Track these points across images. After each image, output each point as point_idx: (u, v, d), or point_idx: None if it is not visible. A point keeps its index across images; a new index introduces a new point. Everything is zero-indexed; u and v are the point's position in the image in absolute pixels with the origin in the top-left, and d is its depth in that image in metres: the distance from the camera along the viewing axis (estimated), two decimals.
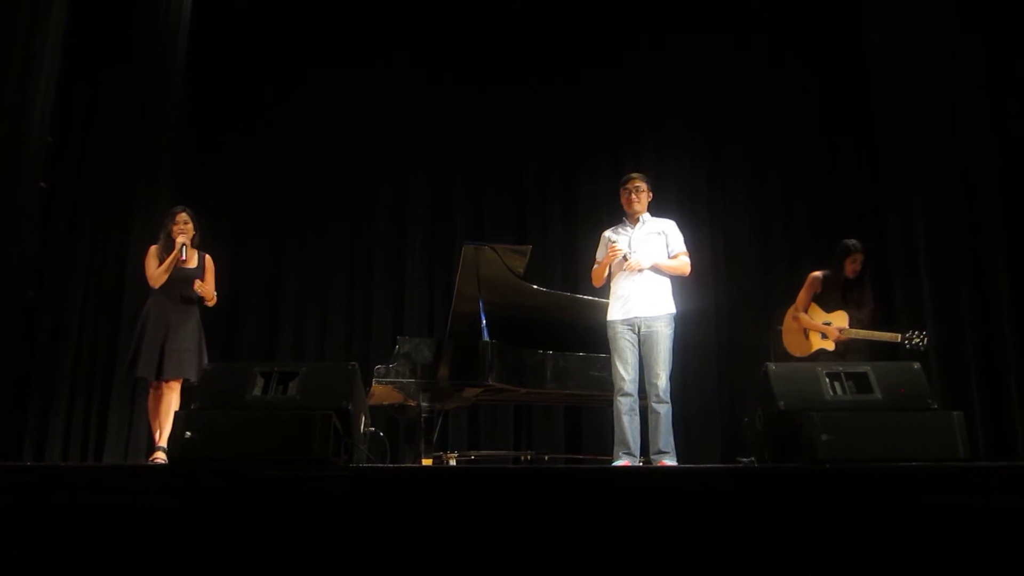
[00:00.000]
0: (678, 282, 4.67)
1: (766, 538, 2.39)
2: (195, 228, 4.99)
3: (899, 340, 4.71)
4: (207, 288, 4.94)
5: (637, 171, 4.85)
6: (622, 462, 4.27)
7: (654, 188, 4.77)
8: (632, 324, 4.43)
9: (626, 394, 4.36)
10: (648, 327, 4.39)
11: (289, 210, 7.32)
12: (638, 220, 4.63)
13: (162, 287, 4.84)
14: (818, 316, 5.03)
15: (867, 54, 6.12)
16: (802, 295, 5.12)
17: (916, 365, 3.05)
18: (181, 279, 4.88)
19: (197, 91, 6.87)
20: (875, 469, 2.56)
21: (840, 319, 4.93)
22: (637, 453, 4.32)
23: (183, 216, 4.96)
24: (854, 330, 4.86)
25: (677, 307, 4.53)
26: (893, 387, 2.94)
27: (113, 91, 6.04)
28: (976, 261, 5.06)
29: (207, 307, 5.03)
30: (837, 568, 2.33)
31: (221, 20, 7.10)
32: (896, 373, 3.03)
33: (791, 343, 5.16)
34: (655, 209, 4.79)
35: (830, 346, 4.94)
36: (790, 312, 5.18)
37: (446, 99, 7.46)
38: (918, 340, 4.68)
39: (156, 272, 4.83)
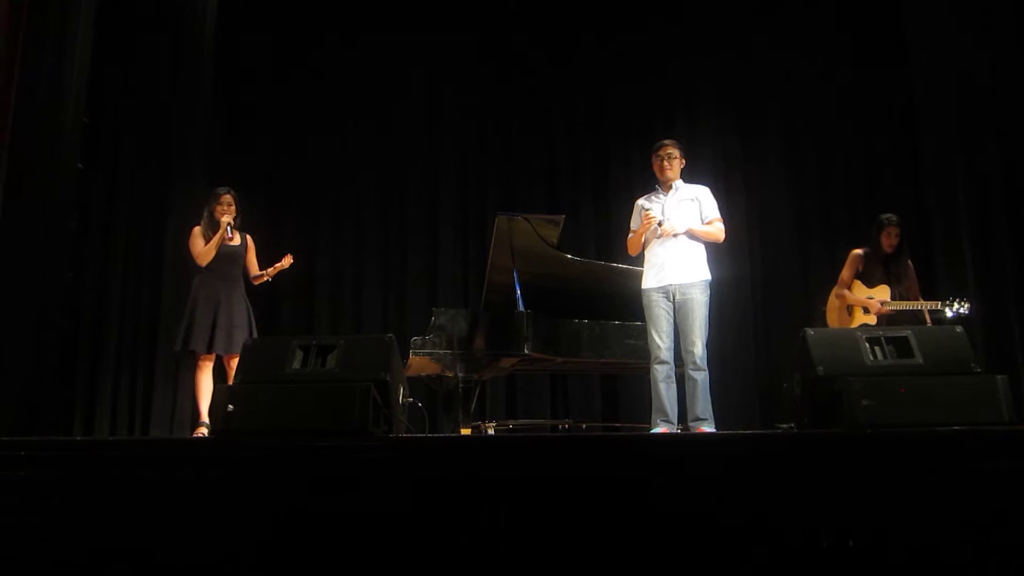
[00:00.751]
0: (713, 249, 4.63)
1: (804, 505, 2.38)
2: (238, 209, 5.11)
3: (940, 308, 4.64)
4: (273, 271, 5.12)
5: (669, 138, 4.81)
6: (660, 429, 4.27)
7: (687, 155, 4.72)
8: (667, 291, 4.41)
9: (662, 362, 4.35)
10: (683, 294, 4.37)
11: (320, 186, 7.34)
12: (671, 187, 4.59)
13: (209, 265, 4.98)
14: (861, 292, 4.97)
15: (903, 18, 5.99)
16: (845, 273, 5.06)
17: (959, 328, 2.99)
18: (227, 257, 5.02)
19: (227, 64, 6.90)
20: (917, 434, 2.53)
21: (882, 293, 4.86)
22: (675, 420, 4.33)
23: (227, 197, 5.08)
24: (895, 302, 4.79)
25: (712, 274, 4.50)
26: (935, 351, 2.90)
27: (144, 69, 6.09)
28: (1019, 227, 4.97)
29: (252, 285, 5.17)
30: (876, 533, 2.32)
31: None
32: (938, 337, 2.99)
33: (834, 321, 5.11)
34: (688, 176, 4.74)
35: (872, 320, 4.88)
36: (834, 291, 5.13)
37: (472, 69, 7.42)
38: (959, 306, 4.61)
39: (203, 250, 4.97)
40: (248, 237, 5.21)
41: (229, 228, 4.98)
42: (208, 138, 6.45)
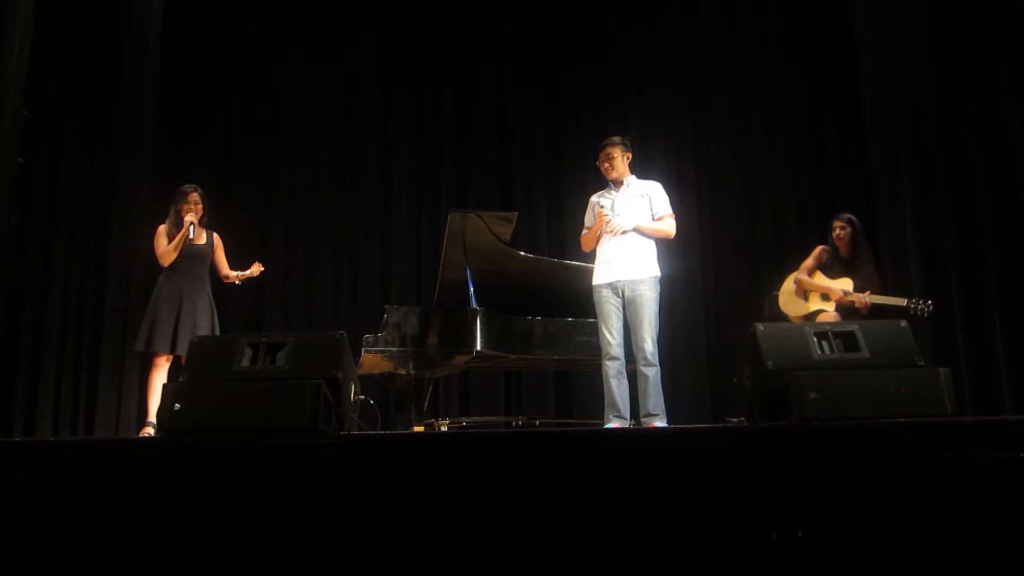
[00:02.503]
0: (664, 245, 4.67)
1: (754, 498, 2.41)
2: (204, 207, 5.04)
3: (905, 305, 4.75)
4: (241, 276, 5.12)
5: (616, 134, 4.83)
6: (613, 424, 4.30)
7: (638, 149, 4.74)
8: (615, 287, 4.45)
9: (613, 358, 4.38)
10: (632, 290, 4.40)
11: (271, 180, 7.26)
12: (622, 183, 4.62)
13: (174, 264, 4.91)
14: (822, 281, 5.05)
15: (852, 16, 6.11)
16: (808, 261, 5.14)
17: (903, 323, 3.05)
18: (192, 256, 4.96)
19: (173, 54, 6.77)
20: (862, 425, 2.58)
21: (844, 284, 4.94)
22: (627, 416, 4.35)
23: (194, 196, 5.01)
24: (857, 293, 4.88)
25: (662, 269, 4.53)
26: (880, 345, 2.95)
27: (88, 58, 5.93)
28: (962, 223, 5.11)
29: (221, 282, 5.17)
30: (826, 524, 2.36)
31: None
32: (883, 331, 3.04)
33: (788, 304, 5.18)
34: (641, 170, 4.77)
35: (830, 307, 4.96)
36: (791, 276, 5.19)
37: (425, 63, 7.39)
38: (923, 307, 4.72)
39: (165, 250, 4.89)
40: (215, 235, 5.15)
41: (192, 228, 4.90)
42: (155, 132, 6.31)
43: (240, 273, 5.12)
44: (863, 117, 6.19)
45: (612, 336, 4.41)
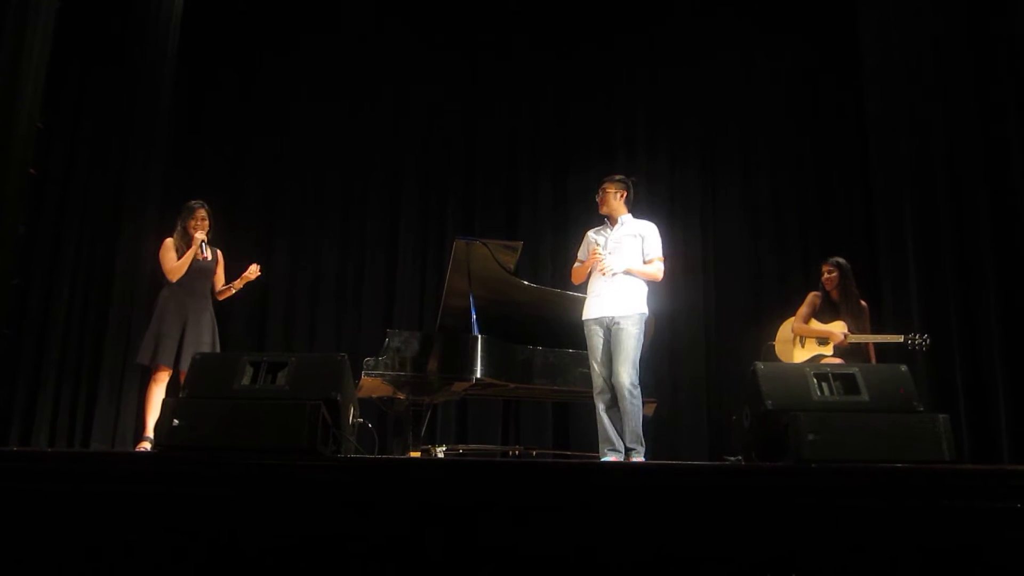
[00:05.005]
0: (668, 281, 4.70)
1: (749, 537, 2.40)
2: (211, 223, 5.08)
3: (902, 341, 4.76)
4: (240, 282, 5.10)
5: (620, 173, 4.89)
6: (609, 458, 4.29)
7: (643, 184, 4.78)
8: (601, 322, 4.49)
9: (603, 391, 4.42)
10: (616, 324, 4.44)
11: (278, 200, 7.31)
12: (617, 221, 4.66)
13: (180, 279, 4.93)
14: (818, 326, 5.07)
15: (860, 58, 6.17)
16: (803, 310, 5.15)
17: (903, 367, 3.06)
18: (197, 272, 4.98)
19: (187, 72, 6.84)
20: (860, 469, 2.57)
21: (839, 327, 4.96)
22: (622, 449, 4.35)
23: (202, 212, 5.04)
24: (857, 335, 4.89)
25: (660, 305, 4.57)
26: (880, 389, 2.96)
27: (104, 76, 5.98)
28: (964, 266, 5.12)
29: (216, 300, 5.14)
30: (819, 568, 2.35)
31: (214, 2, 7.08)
32: (884, 375, 3.05)
33: (784, 352, 5.19)
34: (644, 209, 4.82)
35: (828, 351, 4.97)
36: (790, 323, 5.20)
37: (436, 91, 7.47)
38: (920, 341, 4.74)
39: (175, 266, 4.92)
40: (219, 252, 5.18)
41: (203, 245, 4.94)
42: (166, 148, 6.37)
43: (238, 280, 5.10)
44: (869, 157, 6.23)
45: (601, 369, 4.44)
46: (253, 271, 5.11)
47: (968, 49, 5.17)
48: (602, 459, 4.32)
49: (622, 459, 4.31)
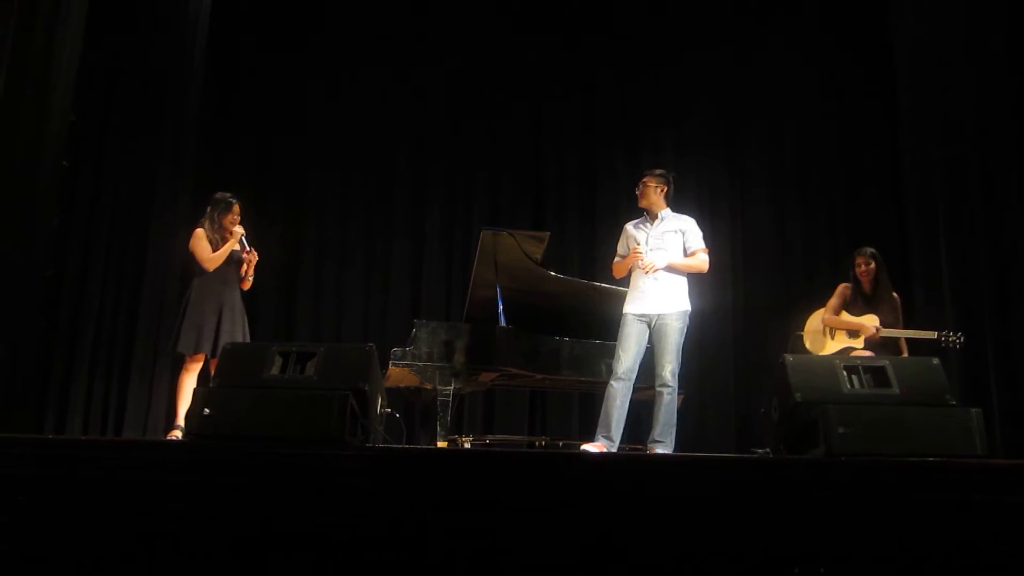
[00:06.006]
0: (696, 276, 4.68)
1: (777, 531, 2.38)
2: (241, 218, 5.18)
3: (936, 338, 4.70)
4: (250, 269, 5.15)
5: (659, 166, 4.87)
6: (597, 443, 4.31)
7: (672, 183, 4.76)
8: (644, 319, 4.49)
9: (620, 378, 4.42)
10: (661, 321, 4.45)
11: (304, 192, 7.34)
12: (657, 216, 4.64)
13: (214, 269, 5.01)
14: (849, 318, 5.01)
15: (893, 48, 6.08)
16: (833, 301, 5.09)
17: (935, 360, 3.02)
18: (230, 263, 5.09)
19: (216, 66, 6.90)
20: (891, 463, 2.55)
21: (871, 320, 4.90)
22: (616, 440, 4.36)
23: (237, 207, 5.15)
24: (890, 328, 4.83)
25: (693, 302, 4.55)
26: (912, 382, 2.92)
27: (134, 67, 6.04)
28: (998, 259, 5.03)
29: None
30: (849, 562, 2.33)
31: None
32: (915, 368, 3.01)
33: (813, 343, 5.14)
34: (674, 200, 4.78)
35: (858, 343, 4.91)
36: (819, 315, 5.15)
37: (463, 82, 7.46)
38: (954, 339, 4.68)
39: (212, 256, 5.01)
40: (244, 252, 5.21)
41: (243, 240, 5.06)
42: (195, 139, 6.42)
43: (246, 267, 5.15)
44: (900, 150, 6.14)
45: (627, 357, 4.43)
46: (253, 258, 5.15)
47: (1003, 39, 5.07)
48: (590, 442, 4.35)
49: (611, 448, 4.30)
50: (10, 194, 4.50)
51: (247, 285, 5.22)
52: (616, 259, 4.78)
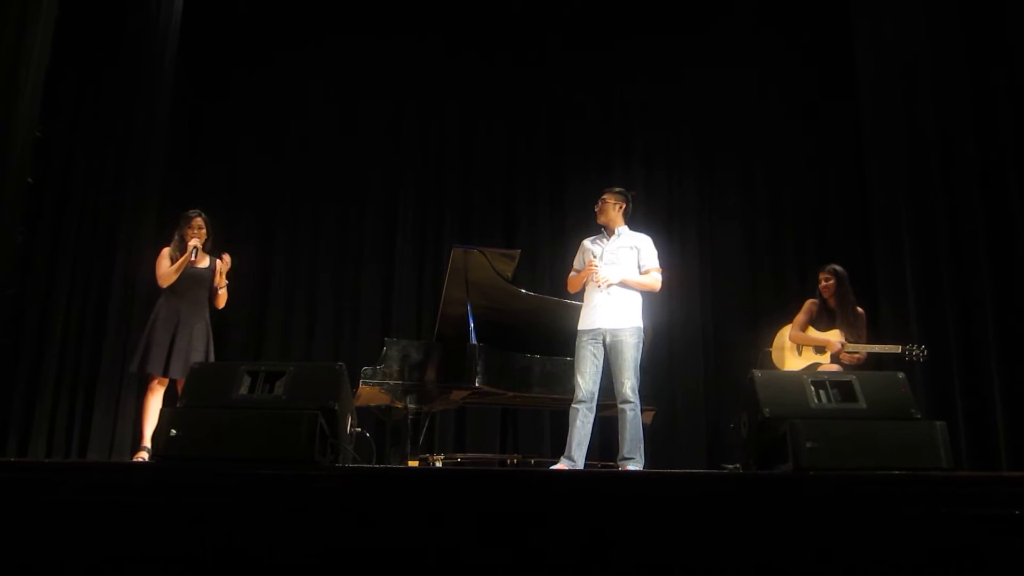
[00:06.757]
0: (666, 290, 4.71)
1: (746, 546, 2.40)
2: (208, 232, 5.08)
3: (900, 352, 4.76)
4: (220, 281, 5.04)
5: (621, 185, 4.90)
6: (559, 465, 4.34)
7: (641, 194, 4.80)
8: (597, 335, 4.49)
9: (580, 401, 4.42)
10: (614, 337, 4.46)
11: (275, 209, 7.32)
12: (614, 232, 4.67)
13: (174, 287, 4.91)
14: (815, 334, 5.07)
15: (854, 64, 6.19)
16: (800, 317, 5.14)
17: (900, 375, 3.06)
18: (192, 279, 4.97)
19: (187, 83, 6.86)
20: (859, 477, 2.57)
21: (835, 336, 4.96)
22: (581, 461, 4.39)
23: (198, 220, 5.04)
24: (855, 344, 4.89)
25: (657, 316, 4.58)
26: (877, 396, 2.96)
27: (102, 83, 5.99)
28: (961, 273, 5.12)
29: (217, 310, 5.13)
30: (835, 574, 2.35)
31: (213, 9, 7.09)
32: (881, 383, 3.05)
33: (781, 360, 5.18)
34: (641, 220, 4.83)
35: (825, 359, 4.97)
36: (786, 331, 5.20)
37: (434, 99, 7.49)
38: (918, 352, 4.74)
39: (166, 272, 4.91)
40: (218, 260, 5.14)
41: (195, 251, 4.93)
42: (163, 157, 6.36)
43: (219, 277, 5.04)
44: (865, 165, 6.24)
45: (584, 381, 4.44)
46: (226, 262, 5.06)
47: (963, 53, 5.18)
48: (556, 464, 4.36)
49: (573, 467, 4.32)
50: None
51: (221, 302, 5.10)
52: (572, 273, 4.79)
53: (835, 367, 4.88)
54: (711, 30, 7.33)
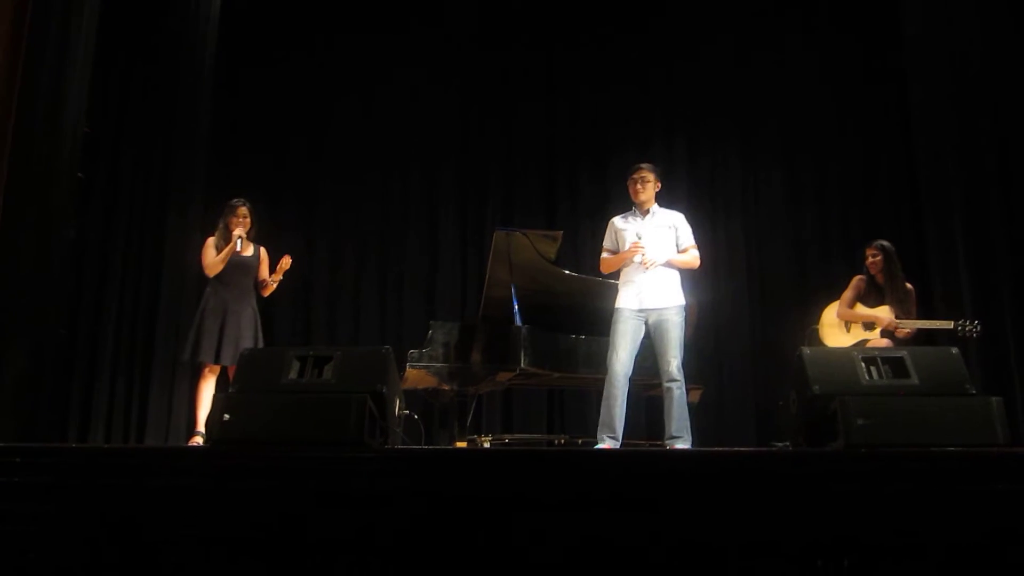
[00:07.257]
0: (708, 269, 4.69)
1: (799, 524, 2.38)
2: (253, 221, 5.15)
3: (952, 327, 4.68)
4: (277, 275, 5.09)
5: (648, 161, 4.86)
6: (604, 445, 4.27)
7: (685, 173, 4.76)
8: (642, 315, 4.48)
9: (617, 375, 4.38)
10: (659, 316, 4.43)
11: (318, 195, 7.38)
12: (647, 211, 4.63)
13: (221, 276, 5.01)
14: (864, 311, 5.00)
15: (902, 35, 6.05)
16: (847, 294, 5.06)
17: (955, 350, 3.00)
18: (238, 267, 5.06)
19: (227, 73, 6.94)
20: (911, 454, 2.53)
21: (885, 312, 4.88)
22: (620, 437, 4.34)
23: (243, 209, 5.12)
24: (904, 319, 4.81)
25: (705, 293, 4.56)
26: (930, 372, 2.90)
27: (145, 78, 6.09)
28: (1016, 248, 5.00)
29: (262, 297, 5.21)
30: (872, 553, 2.32)
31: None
32: (934, 357, 2.99)
33: (829, 336, 5.11)
34: (684, 197, 4.78)
35: (874, 335, 4.89)
36: (834, 308, 5.13)
37: (472, 82, 7.49)
38: (971, 328, 4.65)
39: (212, 261, 5.01)
40: (262, 249, 5.23)
41: (240, 241, 5.00)
42: (208, 145, 6.46)
43: (275, 274, 5.10)
44: (914, 138, 6.11)
45: (622, 354, 4.41)
46: (286, 262, 5.10)
47: (1014, 31, 5.03)
48: (597, 445, 4.31)
49: (617, 446, 4.28)
50: (27, 207, 4.55)
51: (267, 291, 5.19)
52: (604, 254, 4.75)
53: (885, 342, 4.80)
54: (756, 8, 7.19)
